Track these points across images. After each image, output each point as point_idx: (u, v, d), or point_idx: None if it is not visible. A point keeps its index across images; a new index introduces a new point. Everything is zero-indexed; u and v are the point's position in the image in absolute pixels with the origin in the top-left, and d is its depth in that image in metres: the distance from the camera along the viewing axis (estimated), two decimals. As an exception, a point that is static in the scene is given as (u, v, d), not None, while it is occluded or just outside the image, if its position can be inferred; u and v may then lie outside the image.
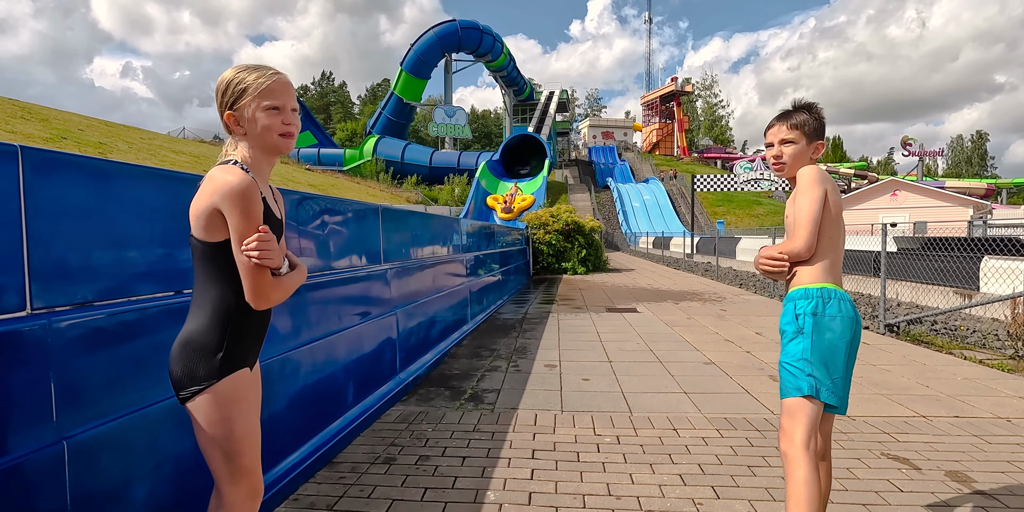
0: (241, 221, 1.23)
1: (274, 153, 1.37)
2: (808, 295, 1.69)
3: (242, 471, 1.36)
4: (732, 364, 4.66)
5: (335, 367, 2.99)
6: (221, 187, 1.22)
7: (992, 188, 49.69)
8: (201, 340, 1.30)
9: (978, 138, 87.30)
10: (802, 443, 1.60)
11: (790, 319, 1.72)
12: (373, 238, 3.68)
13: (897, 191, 30.22)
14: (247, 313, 1.34)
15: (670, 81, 70.70)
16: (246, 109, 1.31)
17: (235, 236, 1.24)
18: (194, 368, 1.29)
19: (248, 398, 1.38)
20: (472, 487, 2.42)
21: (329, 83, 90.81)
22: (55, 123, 18.26)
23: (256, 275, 1.26)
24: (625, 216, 39.81)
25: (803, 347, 1.66)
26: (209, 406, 1.30)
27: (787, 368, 1.69)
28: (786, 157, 1.78)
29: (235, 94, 1.31)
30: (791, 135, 1.77)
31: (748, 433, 3.06)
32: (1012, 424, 3.18)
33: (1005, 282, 6.30)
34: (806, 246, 1.68)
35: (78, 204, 1.54)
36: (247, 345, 1.38)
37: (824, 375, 1.64)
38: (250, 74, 1.32)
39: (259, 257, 1.24)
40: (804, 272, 1.73)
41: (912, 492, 2.34)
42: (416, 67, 46.82)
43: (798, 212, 1.70)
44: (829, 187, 1.71)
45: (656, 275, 14.58)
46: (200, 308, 1.32)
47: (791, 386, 1.66)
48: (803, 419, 1.63)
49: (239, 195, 1.22)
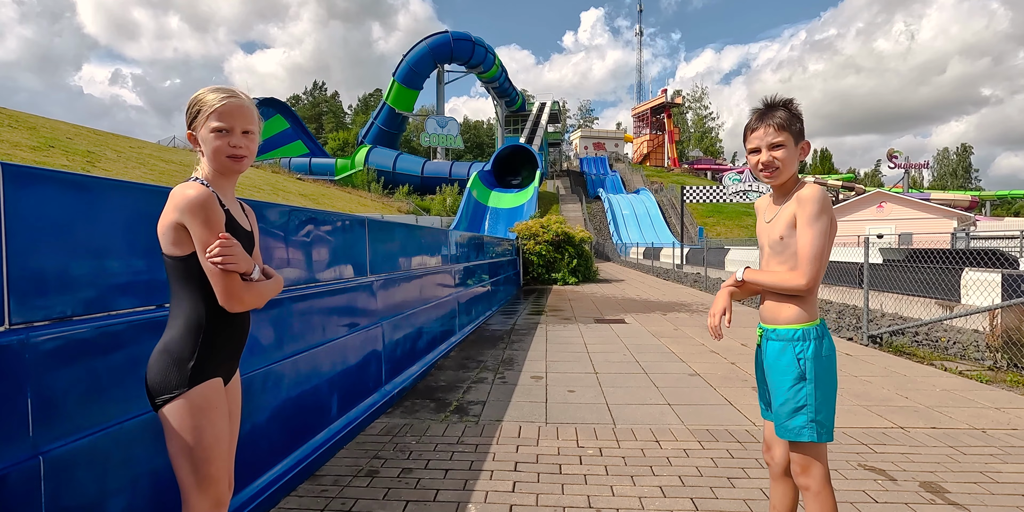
0: (202, 230, 1.30)
1: (225, 173, 1.42)
2: (807, 337, 1.62)
3: (208, 480, 1.39)
4: (716, 376, 4.70)
5: (319, 379, 2.99)
6: (180, 201, 1.29)
7: (976, 200, 50.48)
8: (175, 349, 1.36)
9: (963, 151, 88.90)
10: (823, 477, 1.63)
11: (790, 362, 1.63)
12: (359, 250, 3.70)
13: (883, 203, 30.64)
14: (220, 324, 1.40)
15: (660, 93, 71.47)
16: (200, 129, 1.37)
17: (199, 245, 1.31)
18: (167, 376, 1.35)
19: (219, 408, 1.41)
20: (454, 500, 2.43)
21: (321, 92, 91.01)
22: (43, 131, 18.15)
23: (224, 280, 1.32)
24: (616, 227, 40.02)
25: (807, 392, 1.61)
26: (180, 413, 1.34)
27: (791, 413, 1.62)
28: (779, 162, 1.63)
29: (192, 114, 1.38)
30: (779, 138, 1.62)
31: (729, 445, 3.09)
32: (987, 435, 3.23)
33: (985, 294, 6.40)
34: (812, 284, 1.57)
35: (57, 219, 1.56)
36: (220, 357, 1.43)
37: (825, 416, 1.62)
38: (208, 94, 1.38)
39: (223, 263, 1.29)
40: (796, 307, 1.64)
41: (886, 503, 2.38)
42: (408, 78, 47.14)
43: (805, 245, 1.57)
44: (832, 213, 1.60)
45: (645, 286, 14.65)
46: (175, 319, 1.38)
47: (797, 430, 1.62)
48: (817, 455, 1.63)
49: (197, 206, 1.29)
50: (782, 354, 1.65)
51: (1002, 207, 61.57)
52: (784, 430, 1.65)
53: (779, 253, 1.67)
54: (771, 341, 1.69)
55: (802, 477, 1.65)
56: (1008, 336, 5.05)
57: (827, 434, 1.62)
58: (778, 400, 1.66)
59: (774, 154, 1.63)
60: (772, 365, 1.68)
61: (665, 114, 69.92)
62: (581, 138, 74.00)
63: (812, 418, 1.60)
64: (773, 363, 1.68)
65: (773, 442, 1.79)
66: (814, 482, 1.63)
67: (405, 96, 48.10)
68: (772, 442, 1.79)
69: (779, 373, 1.66)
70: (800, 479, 1.66)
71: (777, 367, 1.66)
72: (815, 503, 1.63)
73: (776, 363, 1.67)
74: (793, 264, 1.62)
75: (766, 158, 1.64)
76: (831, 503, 1.62)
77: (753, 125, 1.68)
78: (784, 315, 1.66)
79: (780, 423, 1.66)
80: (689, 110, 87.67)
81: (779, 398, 1.66)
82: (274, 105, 46.89)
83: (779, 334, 1.66)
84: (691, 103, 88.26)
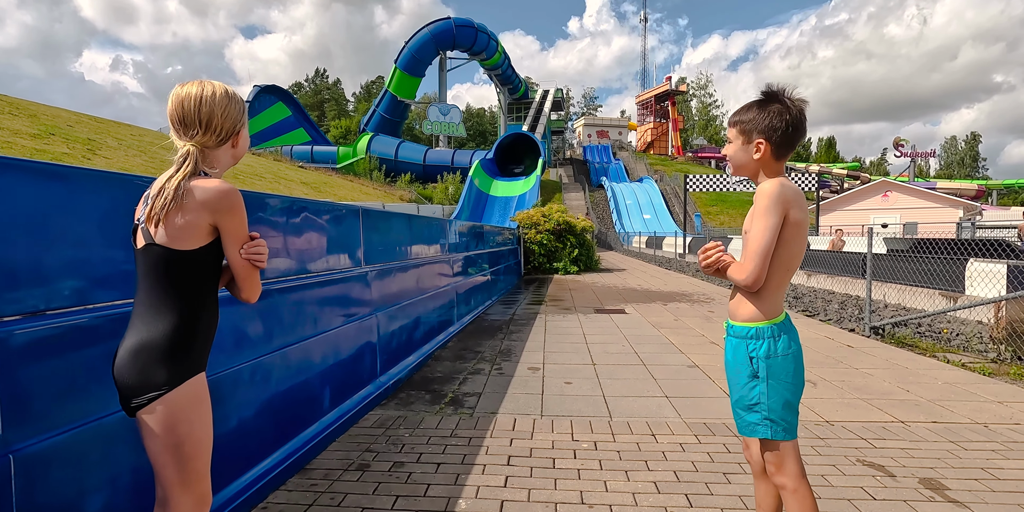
0: (240, 226, 1.35)
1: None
2: (760, 335, 1.60)
3: (195, 476, 1.36)
4: (716, 367, 4.65)
5: (311, 371, 2.96)
6: (217, 198, 1.32)
7: (983, 189, 50.07)
8: (163, 346, 1.30)
9: (972, 139, 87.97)
10: (797, 474, 1.61)
11: (743, 360, 1.63)
12: (353, 240, 3.65)
13: (888, 192, 30.38)
14: (211, 318, 1.40)
15: (665, 80, 70.78)
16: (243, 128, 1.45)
17: (234, 240, 1.35)
18: (151, 374, 1.29)
19: (207, 402, 1.40)
20: (444, 495, 2.40)
21: (323, 80, 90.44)
22: (43, 119, 18.07)
23: (255, 275, 1.40)
24: (619, 215, 39.86)
25: (759, 390, 1.60)
26: (170, 411, 1.30)
27: (746, 409, 1.64)
28: (727, 156, 1.70)
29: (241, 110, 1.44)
30: (729, 134, 1.68)
31: (726, 439, 3.05)
32: (989, 430, 3.18)
33: (989, 285, 6.33)
34: (753, 280, 1.56)
35: (29, 211, 1.50)
36: (207, 349, 1.42)
37: (780, 415, 1.60)
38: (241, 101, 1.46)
39: (260, 260, 1.37)
40: (751, 305, 1.62)
41: (885, 500, 2.34)
42: (410, 65, 46.72)
43: (750, 240, 1.57)
44: (792, 208, 1.55)
45: (647, 275, 14.59)
46: (160, 314, 1.32)
47: (752, 427, 1.63)
48: (785, 452, 1.62)
49: (238, 203, 1.34)
50: (736, 351, 1.66)
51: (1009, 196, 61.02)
52: (740, 425, 1.68)
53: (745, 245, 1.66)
54: (729, 337, 1.70)
55: (777, 476, 1.64)
56: (1012, 328, 4.99)
57: (784, 433, 1.61)
58: (734, 396, 1.68)
59: (724, 149, 1.73)
60: (729, 361, 1.70)
61: (669, 102, 69.35)
62: (584, 126, 73.47)
63: (765, 415, 1.61)
64: (730, 359, 1.69)
65: (750, 440, 1.77)
66: (789, 480, 1.61)
67: (407, 83, 47.71)
68: (750, 440, 1.78)
69: (734, 370, 1.67)
70: (775, 478, 1.64)
71: (733, 364, 1.68)
72: (793, 500, 1.61)
73: (732, 360, 1.68)
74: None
75: (724, 149, 1.75)
76: (809, 500, 1.60)
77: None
78: (741, 312, 1.65)
79: (736, 418, 1.69)
80: (693, 98, 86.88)
81: (735, 394, 1.68)
82: (276, 92, 46.64)
83: (735, 331, 1.67)
84: (695, 91, 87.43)
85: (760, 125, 1.60)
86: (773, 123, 1.59)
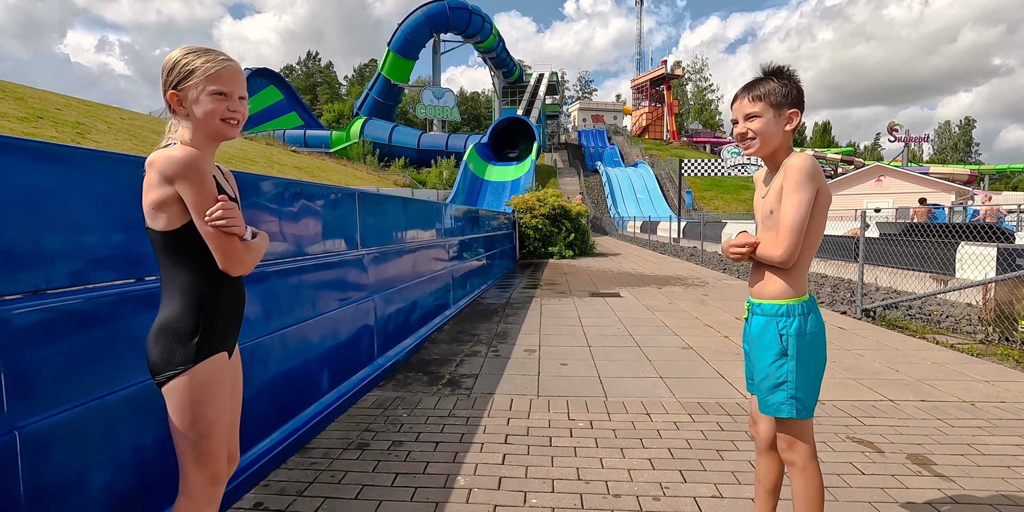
0: (197, 193, 1.25)
1: (216, 138, 1.38)
2: (791, 312, 1.59)
3: (207, 456, 1.38)
4: (709, 349, 4.71)
5: (309, 353, 2.98)
6: (168, 165, 1.23)
7: (975, 174, 50.22)
8: (176, 326, 1.32)
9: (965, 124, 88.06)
10: (809, 452, 1.62)
11: (773, 338, 1.60)
12: (350, 223, 3.64)
13: (882, 177, 30.45)
14: (219, 295, 1.37)
15: (660, 64, 70.11)
16: (191, 91, 1.31)
17: (195, 209, 1.25)
18: (170, 353, 1.32)
19: (223, 383, 1.40)
20: (443, 472, 2.44)
21: (315, 63, 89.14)
22: (30, 102, 17.77)
23: (225, 243, 1.28)
24: (614, 200, 39.80)
25: (788, 368, 1.59)
26: (183, 389, 1.33)
27: (771, 389, 1.62)
28: (752, 133, 1.60)
29: (181, 74, 1.32)
30: (754, 108, 1.59)
31: (719, 417, 3.11)
32: (975, 407, 3.25)
33: (979, 268, 6.40)
34: (788, 256, 1.54)
35: (27, 190, 1.50)
36: (223, 329, 1.40)
37: (806, 394, 1.59)
38: (199, 57, 1.33)
39: (226, 225, 1.25)
40: (781, 282, 1.60)
41: (873, 475, 2.40)
42: (404, 47, 46.03)
43: (784, 216, 1.53)
44: (821, 184, 1.54)
45: (642, 260, 14.64)
46: (172, 295, 1.34)
47: (777, 406, 1.61)
48: (801, 430, 1.62)
49: (189, 167, 1.23)
50: (765, 329, 1.63)
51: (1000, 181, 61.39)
52: (765, 405, 1.65)
53: (770, 229, 1.61)
54: (756, 316, 1.67)
55: (788, 453, 1.64)
56: (1000, 310, 5.06)
57: (806, 411, 1.61)
58: (759, 375, 1.65)
59: (748, 125, 1.60)
60: (755, 340, 1.66)
61: (665, 86, 68.76)
62: (580, 110, 72.87)
63: (792, 394, 1.59)
64: (756, 338, 1.65)
65: (759, 417, 1.78)
66: (799, 458, 1.62)
67: (401, 66, 47.04)
68: (758, 417, 1.78)
69: (761, 348, 1.64)
70: (786, 455, 1.65)
71: (760, 342, 1.64)
72: (800, 478, 1.63)
73: (759, 338, 1.64)
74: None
75: (740, 129, 1.62)
76: (817, 479, 1.62)
77: (736, 95, 1.65)
78: (769, 289, 1.62)
79: (761, 398, 1.66)
80: (689, 82, 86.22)
81: (761, 373, 1.65)
82: (267, 76, 45.89)
83: (763, 309, 1.64)
84: (691, 75, 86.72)
85: (791, 96, 1.57)
86: (798, 94, 1.58)
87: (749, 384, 1.78)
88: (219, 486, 1.43)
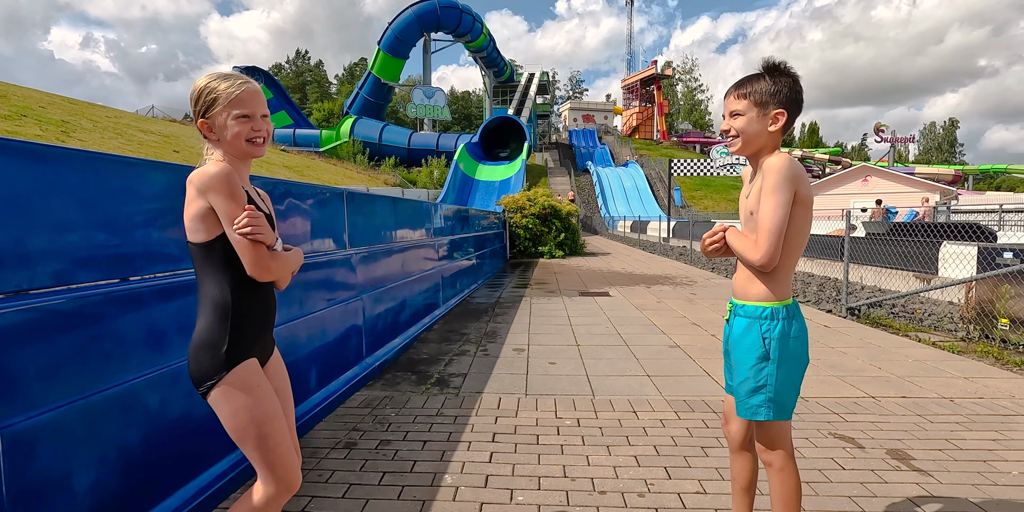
0: (227, 203, 1.32)
1: (245, 158, 1.47)
2: (775, 316, 1.57)
3: (275, 458, 1.41)
4: (696, 347, 4.76)
5: (297, 353, 2.98)
6: (203, 180, 1.32)
7: (959, 174, 50.93)
8: (206, 337, 1.37)
9: (949, 125, 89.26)
10: (787, 453, 1.62)
11: (755, 341, 1.58)
12: (338, 223, 3.64)
13: (868, 177, 30.78)
14: (246, 304, 1.41)
15: (651, 64, 70.41)
16: (218, 117, 1.40)
17: (225, 218, 1.33)
18: (204, 364, 1.37)
19: (259, 387, 1.42)
20: (430, 471, 2.45)
21: (305, 61, 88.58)
22: (14, 99, 17.53)
23: (253, 250, 1.35)
24: (604, 200, 39.92)
25: (768, 372, 1.58)
26: (223, 398, 1.37)
27: (750, 392, 1.61)
28: (735, 131, 1.58)
29: (207, 103, 1.40)
30: (738, 106, 1.56)
31: (705, 415, 3.15)
32: (954, 404, 3.31)
33: (961, 266, 6.51)
34: (768, 259, 1.51)
35: (10, 190, 1.49)
36: (251, 337, 1.44)
37: (785, 397, 1.59)
38: (221, 83, 1.41)
39: (251, 232, 1.32)
40: (764, 285, 1.59)
41: (854, 469, 2.44)
42: (394, 46, 45.85)
43: (762, 218, 1.51)
44: (800, 186, 1.51)
45: (632, 259, 14.72)
46: (203, 308, 1.40)
47: (754, 409, 1.61)
48: (779, 432, 1.62)
49: (221, 181, 1.32)
50: (748, 332, 1.61)
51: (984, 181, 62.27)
52: (742, 408, 1.64)
53: (752, 230, 1.59)
54: (738, 317, 1.65)
55: (765, 454, 1.65)
56: (981, 308, 5.15)
57: (783, 413, 1.60)
58: (738, 377, 1.64)
59: (732, 123, 1.59)
60: (737, 342, 1.64)
61: (655, 86, 69.08)
62: (570, 110, 72.97)
63: (770, 397, 1.58)
64: (738, 340, 1.64)
65: (731, 416, 1.78)
66: (777, 459, 1.63)
67: (391, 65, 46.85)
68: (730, 416, 1.79)
69: (742, 351, 1.62)
70: (763, 456, 1.65)
71: (741, 344, 1.62)
72: (778, 479, 1.63)
73: (741, 340, 1.63)
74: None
75: (725, 125, 1.62)
76: (794, 479, 1.63)
77: (727, 91, 1.63)
78: (753, 292, 1.61)
79: (739, 401, 1.65)
80: (679, 82, 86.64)
81: (740, 376, 1.63)
82: (256, 74, 45.57)
83: (747, 311, 1.62)
84: (681, 75, 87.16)
85: (779, 96, 1.54)
86: (790, 94, 1.54)
87: (728, 385, 1.77)
88: (289, 490, 1.45)
